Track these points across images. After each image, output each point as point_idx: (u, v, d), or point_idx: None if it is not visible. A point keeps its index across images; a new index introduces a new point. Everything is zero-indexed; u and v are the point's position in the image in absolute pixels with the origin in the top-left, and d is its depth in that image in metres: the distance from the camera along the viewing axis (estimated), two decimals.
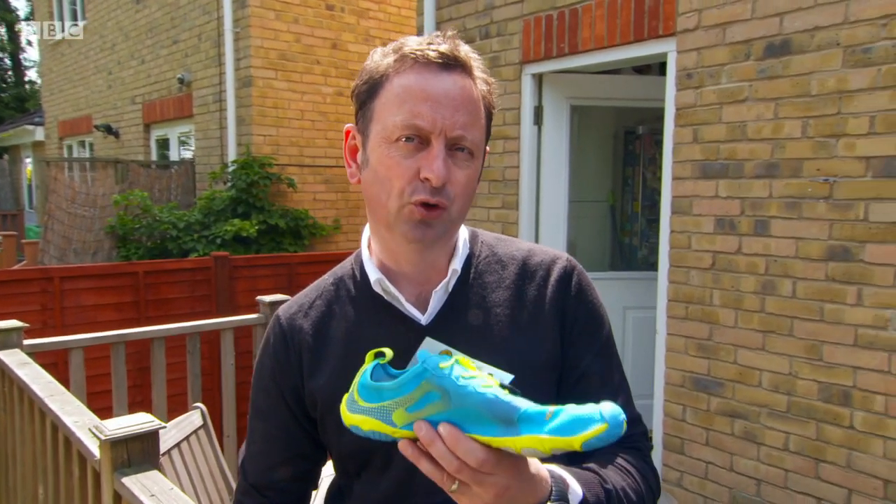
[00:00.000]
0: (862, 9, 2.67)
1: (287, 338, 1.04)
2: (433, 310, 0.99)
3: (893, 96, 2.59)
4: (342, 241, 6.92)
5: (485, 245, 1.07)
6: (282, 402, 1.04)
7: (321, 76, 6.88)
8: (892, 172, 2.60)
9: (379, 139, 0.92)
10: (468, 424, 0.72)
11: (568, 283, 1.03)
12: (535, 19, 3.92)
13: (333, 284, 1.07)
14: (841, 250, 2.73)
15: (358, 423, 0.78)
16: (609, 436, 0.68)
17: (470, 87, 0.92)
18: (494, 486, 0.73)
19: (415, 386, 0.73)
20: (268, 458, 1.06)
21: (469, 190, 0.94)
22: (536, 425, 0.70)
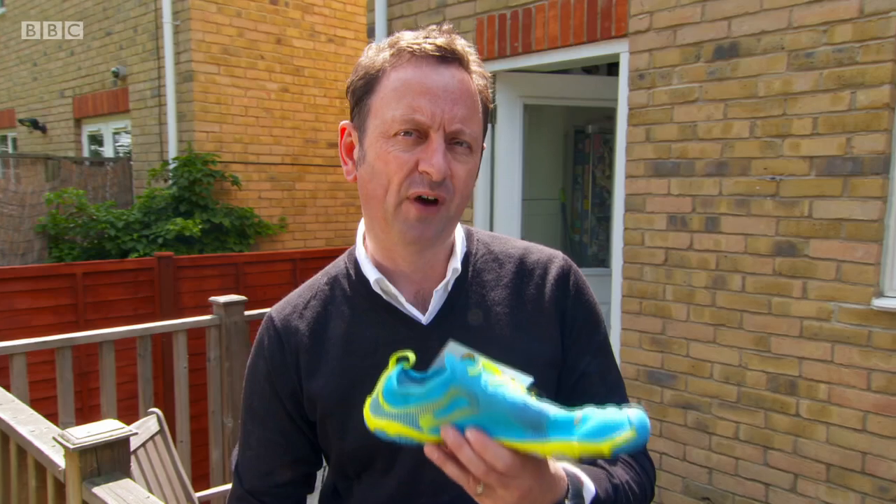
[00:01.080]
0: (804, 15, 2.79)
1: (283, 339, 1.01)
2: (434, 309, 0.99)
3: (834, 99, 2.72)
4: (288, 240, 6.80)
5: (481, 243, 1.07)
6: (279, 405, 1.01)
7: (265, 72, 6.73)
8: (833, 171, 2.73)
9: (377, 134, 0.91)
10: (495, 429, 0.73)
11: (566, 283, 1.04)
12: (489, 18, 3.94)
13: (328, 284, 1.05)
14: (787, 246, 2.85)
15: (384, 427, 0.77)
16: (637, 442, 0.69)
17: (467, 80, 0.92)
18: (519, 488, 0.74)
19: (443, 392, 0.74)
20: (265, 462, 1.03)
21: (469, 185, 0.94)
22: (566, 431, 0.71)
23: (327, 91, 7.12)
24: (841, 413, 2.74)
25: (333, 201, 7.16)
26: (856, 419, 2.71)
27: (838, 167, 2.71)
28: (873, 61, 2.63)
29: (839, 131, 2.71)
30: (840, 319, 2.72)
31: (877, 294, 2.65)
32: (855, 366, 2.69)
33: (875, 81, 2.62)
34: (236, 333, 3.17)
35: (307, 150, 6.98)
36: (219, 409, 3.19)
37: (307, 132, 6.98)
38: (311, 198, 6.99)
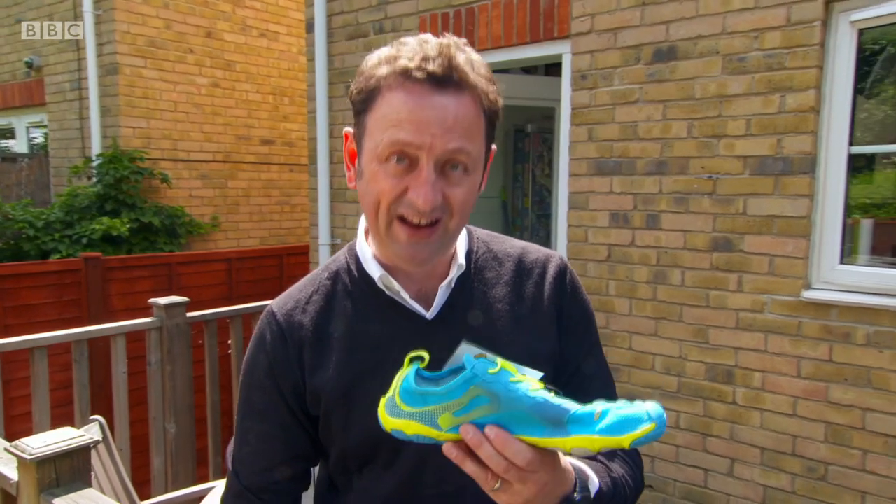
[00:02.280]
0: (737, 21, 2.93)
1: (285, 334, 1.00)
2: (437, 305, 1.00)
3: (765, 102, 2.87)
4: (221, 239, 6.61)
5: (480, 241, 1.08)
6: (281, 401, 1.00)
7: (195, 66, 6.51)
8: (765, 170, 2.88)
9: (371, 155, 0.90)
10: (515, 426, 0.74)
11: (564, 281, 1.07)
12: (432, 16, 3.95)
13: (329, 279, 1.04)
14: (723, 241, 2.98)
15: (401, 427, 0.78)
16: (656, 434, 0.71)
17: (465, 102, 0.88)
18: (536, 482, 0.76)
19: (463, 391, 0.75)
20: (265, 458, 1.02)
21: (467, 203, 0.93)
22: (586, 426, 0.73)
23: (260, 87, 6.95)
24: (774, 399, 2.90)
25: (267, 199, 7.00)
26: (787, 405, 2.87)
27: (770, 167, 2.86)
28: (800, 67, 2.78)
29: (770, 132, 2.85)
30: (772, 311, 2.87)
31: (805, 286, 2.81)
32: (786, 354, 2.85)
33: (802, 86, 2.78)
34: (178, 336, 3.07)
35: (240, 148, 6.80)
36: (160, 414, 3.07)
37: (239, 129, 6.80)
38: (244, 196, 6.81)
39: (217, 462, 3.32)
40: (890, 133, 3.34)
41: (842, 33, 2.74)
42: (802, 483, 2.86)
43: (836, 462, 2.77)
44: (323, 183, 4.47)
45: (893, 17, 2.67)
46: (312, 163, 4.58)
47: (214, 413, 3.27)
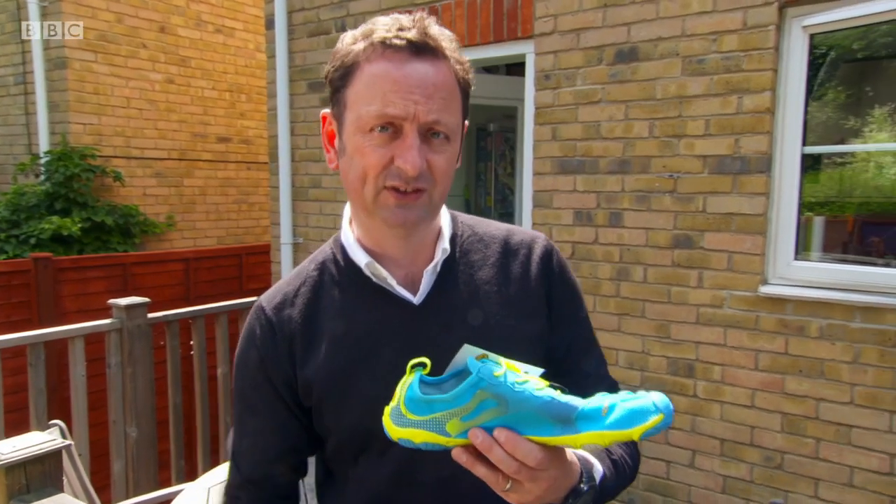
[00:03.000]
0: (696, 24, 3.01)
1: (275, 328, 1.01)
2: (424, 290, 1.00)
3: (724, 102, 2.95)
4: (177, 238, 6.47)
5: (465, 225, 1.09)
6: (274, 395, 1.01)
7: (149, 61, 6.36)
8: (723, 169, 2.96)
9: (353, 128, 0.92)
10: (524, 427, 0.74)
11: (550, 261, 1.08)
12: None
13: (316, 270, 1.05)
14: (684, 239, 3.06)
15: (409, 437, 0.77)
16: (664, 425, 0.72)
17: (443, 70, 0.91)
18: (546, 480, 0.77)
19: (470, 396, 0.74)
20: (262, 451, 1.04)
21: (448, 173, 0.96)
22: (595, 422, 0.73)
23: (216, 84, 6.83)
24: (733, 392, 2.99)
25: (224, 198, 6.88)
26: (745, 397, 2.96)
27: (728, 166, 2.95)
28: (756, 69, 2.87)
29: (728, 133, 2.94)
30: (731, 306, 2.96)
31: (762, 282, 2.90)
32: (744, 348, 2.94)
33: (758, 88, 2.87)
34: (139, 337, 2.99)
35: (195, 145, 6.66)
36: (121, 418, 2.99)
37: (195, 126, 6.66)
38: (200, 195, 6.68)
39: (180, 465, 3.25)
40: (837, 133, 3.48)
41: (794, 37, 2.84)
42: (760, 472, 2.95)
43: (792, 451, 2.88)
44: (284, 181, 4.42)
45: (842, 23, 2.78)
46: (273, 161, 4.52)
47: (177, 415, 3.21)
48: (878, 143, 3.31)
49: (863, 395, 2.72)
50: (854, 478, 2.76)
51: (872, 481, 2.72)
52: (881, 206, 3.67)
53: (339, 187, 4.28)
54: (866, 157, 3.71)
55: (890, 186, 3.85)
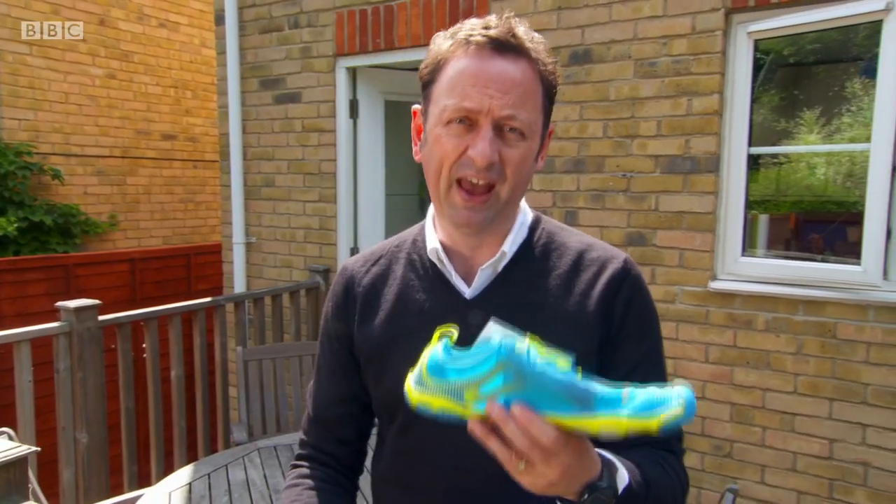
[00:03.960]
0: (647, 28, 3.10)
1: (348, 287, 1.12)
2: (479, 286, 1.04)
3: (674, 104, 3.05)
4: (120, 238, 6.27)
5: (545, 232, 1.09)
6: (338, 345, 1.12)
7: (88, 55, 6.14)
8: (674, 169, 3.06)
9: (435, 120, 0.97)
10: (542, 405, 0.73)
11: (620, 284, 1.04)
12: (349, 13, 3.92)
13: (397, 247, 1.13)
14: (637, 236, 3.15)
15: (427, 402, 0.76)
16: (685, 419, 0.70)
17: (523, 68, 0.94)
18: (560, 465, 0.75)
19: (490, 366, 0.73)
20: (330, 393, 1.15)
21: (522, 169, 0.97)
22: (614, 406, 0.71)
23: (160, 79, 6.65)
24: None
25: (170, 197, 6.71)
26: (697, 389, 3.07)
27: (679, 165, 3.05)
28: (705, 73, 2.98)
29: (679, 133, 3.04)
30: (683, 301, 3.06)
31: (712, 277, 3.02)
32: (696, 341, 3.05)
33: (707, 90, 2.98)
34: (89, 341, 2.90)
35: (139, 143, 6.47)
36: (70, 424, 2.89)
37: (139, 123, 6.47)
38: (144, 193, 6.49)
39: (133, 471, 3.16)
40: (774, 135, 3.64)
41: (740, 43, 2.96)
42: (710, 461, 3.07)
43: (740, 439, 3.00)
44: (236, 180, 4.34)
45: (784, 30, 2.91)
46: (224, 159, 4.44)
47: (129, 420, 3.12)
48: (808, 144, 3.48)
49: (805, 384, 2.86)
50: (797, 463, 2.90)
51: (814, 465, 2.86)
52: (818, 205, 3.87)
53: (293, 186, 4.24)
54: (798, 158, 3.89)
55: (822, 186, 4.06)
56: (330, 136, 4.06)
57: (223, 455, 2.55)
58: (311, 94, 4.12)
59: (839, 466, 2.81)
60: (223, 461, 2.48)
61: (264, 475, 2.38)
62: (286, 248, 4.30)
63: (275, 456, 2.54)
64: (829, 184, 4.02)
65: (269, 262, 4.37)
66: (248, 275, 4.38)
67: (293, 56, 4.17)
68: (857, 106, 4.44)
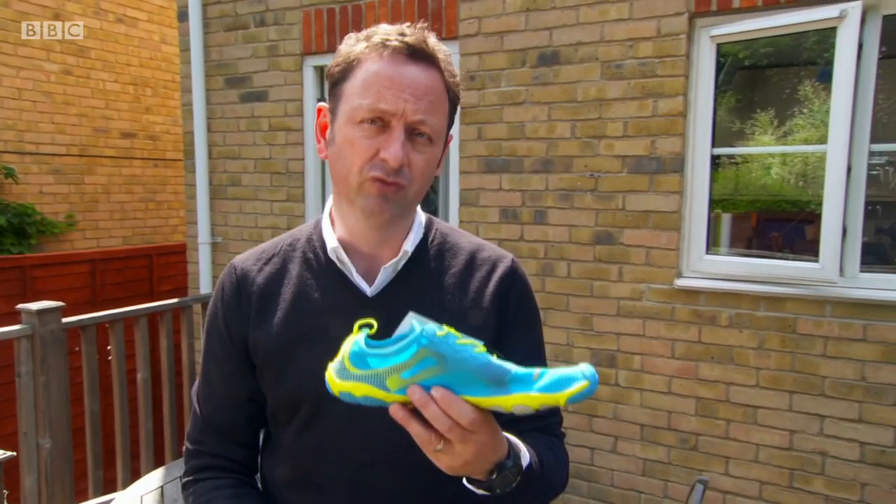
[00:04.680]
0: (613, 31, 3.16)
1: (240, 287, 1.09)
2: (379, 284, 1.06)
3: (640, 106, 3.12)
4: (78, 239, 6.11)
5: (439, 233, 1.14)
6: (232, 347, 1.09)
7: (42, 50, 5.97)
8: (641, 169, 3.13)
9: (345, 119, 0.98)
10: (460, 387, 0.78)
11: (511, 282, 1.11)
12: (316, 11, 3.90)
13: (290, 245, 1.12)
14: (605, 235, 3.21)
15: (349, 390, 0.79)
16: (589, 392, 0.76)
17: (434, 77, 0.99)
18: (476, 443, 0.80)
19: (412, 353, 0.78)
20: (222, 399, 1.11)
21: (427, 173, 1.02)
22: (526, 385, 0.77)
23: (119, 76, 6.50)
24: (651, 379, 3.16)
25: (130, 196, 6.56)
26: (663, 384, 3.14)
27: (645, 166, 3.12)
28: (669, 75, 3.05)
29: (645, 134, 3.11)
30: (649, 298, 3.13)
31: (678, 275, 3.09)
32: (662, 338, 3.12)
33: (672, 92, 3.05)
34: (53, 344, 2.83)
35: (97, 141, 6.32)
36: (33, 429, 2.82)
37: (97, 120, 6.32)
38: (103, 193, 6.34)
39: (98, 475, 3.09)
40: (732, 136, 3.75)
41: (703, 46, 3.04)
42: (677, 454, 3.14)
43: (705, 432, 3.08)
44: (201, 179, 4.28)
45: (745, 35, 3.00)
46: (189, 158, 4.37)
47: (94, 424, 3.05)
48: (763, 145, 3.59)
49: (767, 377, 2.95)
50: (759, 454, 2.99)
51: (775, 456, 2.96)
52: (773, 204, 4.00)
53: (259, 185, 4.20)
54: (753, 159, 4.01)
55: (778, 185, 4.20)
56: (297, 136, 4.04)
57: None
58: (277, 92, 4.08)
59: (799, 456, 2.92)
60: None
61: None
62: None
63: None
64: (784, 183, 4.15)
65: None
66: (214, 275, 4.32)
67: (259, 54, 4.12)
68: (809, 108, 4.61)
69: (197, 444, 1.13)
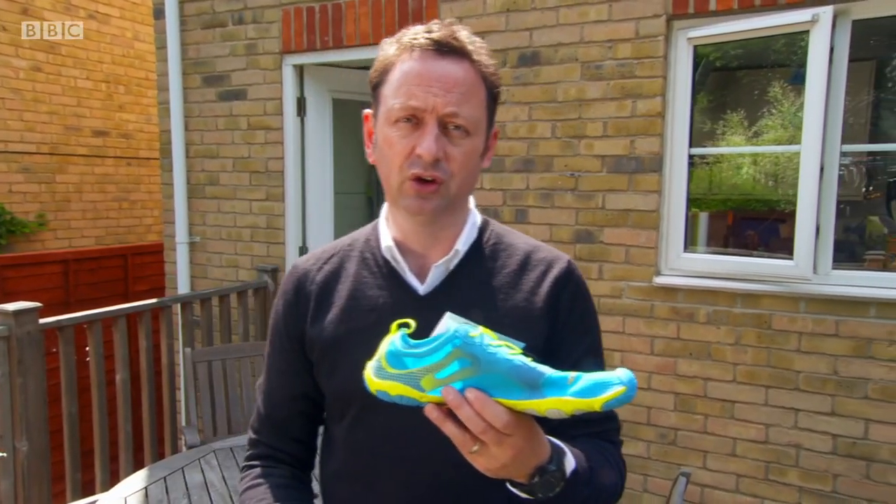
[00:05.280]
0: (593, 32, 3.20)
1: (300, 286, 1.14)
2: (431, 283, 1.07)
3: (619, 106, 3.16)
4: (50, 239, 6.00)
5: (494, 233, 1.14)
6: (290, 345, 1.13)
7: (10, 46, 5.84)
8: (620, 169, 3.18)
9: (383, 121, 1.02)
10: (494, 389, 0.78)
11: (565, 283, 1.09)
12: (296, 10, 3.89)
13: (349, 245, 1.16)
14: (585, 234, 3.25)
15: (385, 388, 0.80)
16: (626, 398, 0.75)
17: (466, 68, 1.00)
18: (512, 447, 0.79)
19: (445, 353, 0.78)
20: (280, 392, 1.16)
21: (468, 166, 1.02)
22: (560, 388, 0.76)
23: (91, 73, 6.39)
24: None
25: (103, 195, 6.46)
26: (643, 380, 3.19)
27: (624, 165, 3.16)
28: (648, 76, 3.11)
29: (624, 134, 3.16)
30: (629, 296, 3.18)
31: (656, 273, 3.14)
32: (641, 334, 3.17)
33: (650, 93, 3.10)
34: (29, 345, 2.78)
35: (69, 139, 6.21)
36: (9, 432, 2.76)
37: (68, 118, 6.21)
38: (75, 192, 6.23)
39: (76, 478, 3.05)
40: (705, 136, 3.82)
41: (680, 48, 3.09)
42: (656, 448, 3.20)
43: (684, 427, 3.14)
44: (179, 179, 4.24)
45: (721, 37, 3.06)
46: (166, 157, 4.32)
47: (73, 426, 3.00)
48: (734, 145, 3.66)
49: (743, 372, 3.02)
50: (736, 448, 3.06)
51: (752, 450, 3.03)
52: (744, 203, 4.08)
53: (238, 185, 4.17)
54: (725, 159, 4.09)
55: (750, 185, 4.29)
56: (277, 134, 4.02)
57: (178, 458, 2.50)
58: (256, 91, 4.06)
59: (774, 449, 2.99)
60: (179, 464, 2.43)
61: (223, 476, 2.35)
62: (232, 248, 4.22)
63: (232, 457, 2.51)
64: (757, 183, 4.24)
65: (215, 262, 4.28)
66: (193, 275, 4.28)
67: (238, 52, 4.10)
68: (779, 109, 4.71)
69: (256, 434, 1.19)
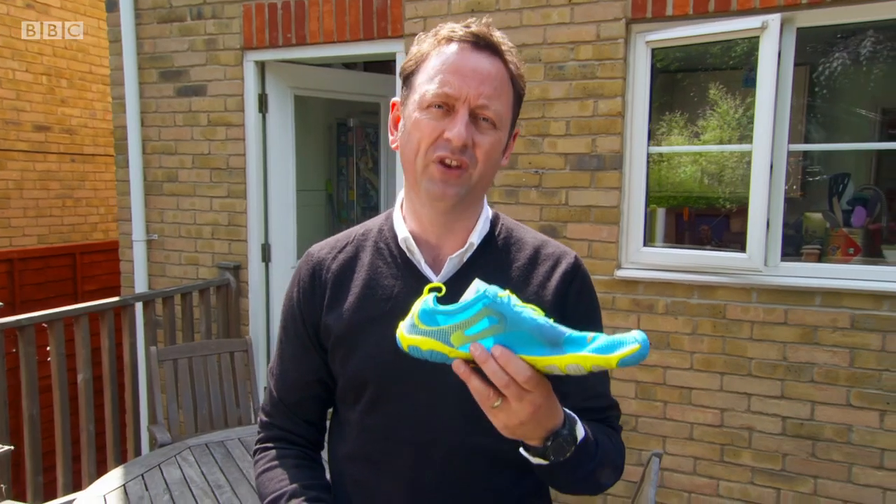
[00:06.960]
0: (555, 34, 3.30)
1: (315, 274, 1.16)
2: (446, 274, 1.11)
3: (581, 106, 3.27)
4: None
5: (504, 227, 1.19)
6: (304, 329, 1.16)
7: None
8: (583, 166, 3.29)
9: (414, 106, 1.06)
10: (518, 346, 0.83)
11: (572, 277, 1.15)
12: (257, 6, 3.86)
13: (363, 235, 1.19)
14: (549, 229, 3.35)
15: (417, 344, 0.86)
16: (640, 356, 0.81)
17: (498, 66, 1.06)
18: (532, 403, 0.84)
19: (475, 311, 0.84)
20: (293, 377, 1.19)
21: (492, 157, 1.07)
22: (579, 346, 0.82)
23: (30, 65, 6.16)
24: None
25: (46, 193, 6.23)
26: None
27: (587, 163, 3.28)
28: (609, 77, 3.23)
29: (586, 133, 3.27)
30: None
31: (617, 266, 3.27)
32: (604, 326, 3.27)
33: (611, 93, 3.22)
34: None
35: (8, 134, 5.96)
36: None
37: (6, 112, 5.96)
38: (15, 189, 5.99)
39: (38, 481, 2.96)
40: (656, 137, 3.98)
41: (639, 51, 3.23)
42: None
43: (644, 414, 3.28)
44: (135, 175, 4.14)
45: (678, 41, 3.20)
46: (121, 153, 4.22)
47: (34, 427, 2.92)
48: (694, 145, 3.84)
49: (700, 360, 3.17)
50: (693, 432, 3.21)
51: (708, 434, 3.19)
52: (693, 200, 4.27)
53: (198, 181, 4.11)
54: (671, 157, 4.27)
55: (705, 183, 4.49)
56: (238, 131, 3.98)
57: (154, 455, 2.48)
58: (217, 87, 4.01)
59: (729, 432, 3.15)
60: (155, 461, 2.41)
61: (202, 472, 2.34)
62: (192, 245, 4.16)
63: (208, 453, 2.50)
64: (711, 180, 4.44)
65: (173, 260, 4.20)
66: (151, 273, 4.20)
67: (197, 48, 4.04)
68: (724, 109, 4.94)
69: (268, 417, 1.22)
